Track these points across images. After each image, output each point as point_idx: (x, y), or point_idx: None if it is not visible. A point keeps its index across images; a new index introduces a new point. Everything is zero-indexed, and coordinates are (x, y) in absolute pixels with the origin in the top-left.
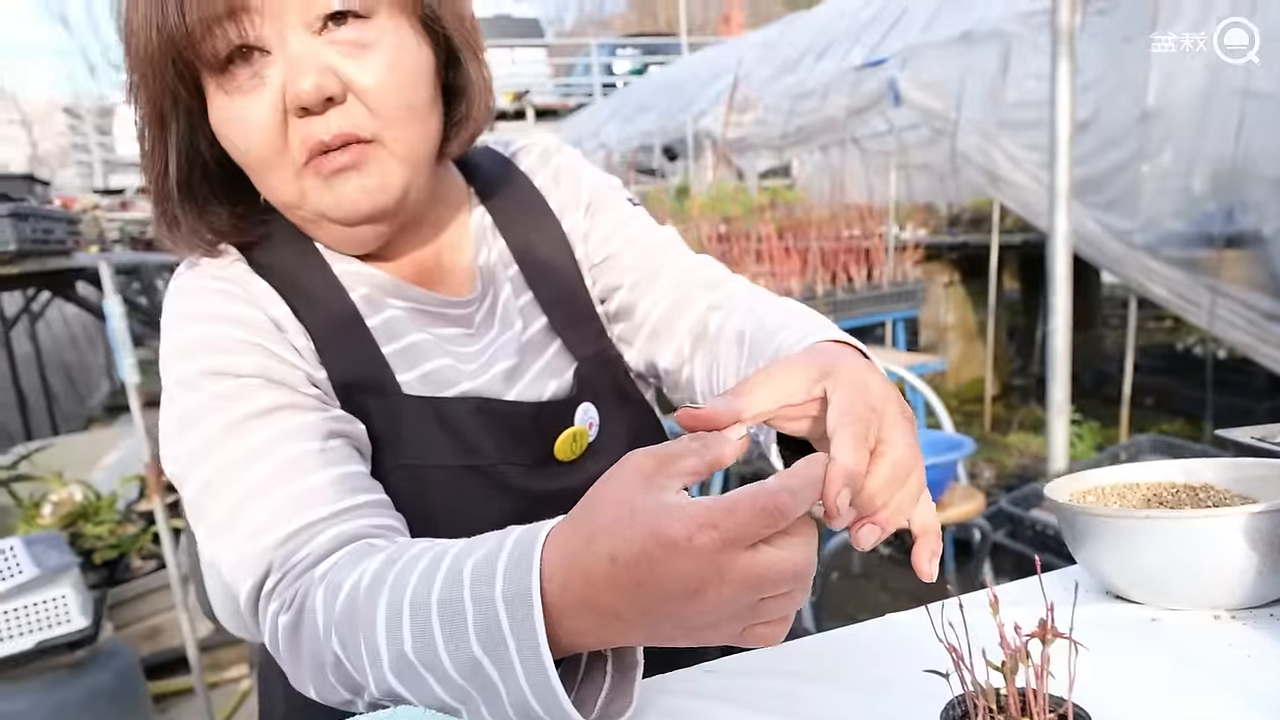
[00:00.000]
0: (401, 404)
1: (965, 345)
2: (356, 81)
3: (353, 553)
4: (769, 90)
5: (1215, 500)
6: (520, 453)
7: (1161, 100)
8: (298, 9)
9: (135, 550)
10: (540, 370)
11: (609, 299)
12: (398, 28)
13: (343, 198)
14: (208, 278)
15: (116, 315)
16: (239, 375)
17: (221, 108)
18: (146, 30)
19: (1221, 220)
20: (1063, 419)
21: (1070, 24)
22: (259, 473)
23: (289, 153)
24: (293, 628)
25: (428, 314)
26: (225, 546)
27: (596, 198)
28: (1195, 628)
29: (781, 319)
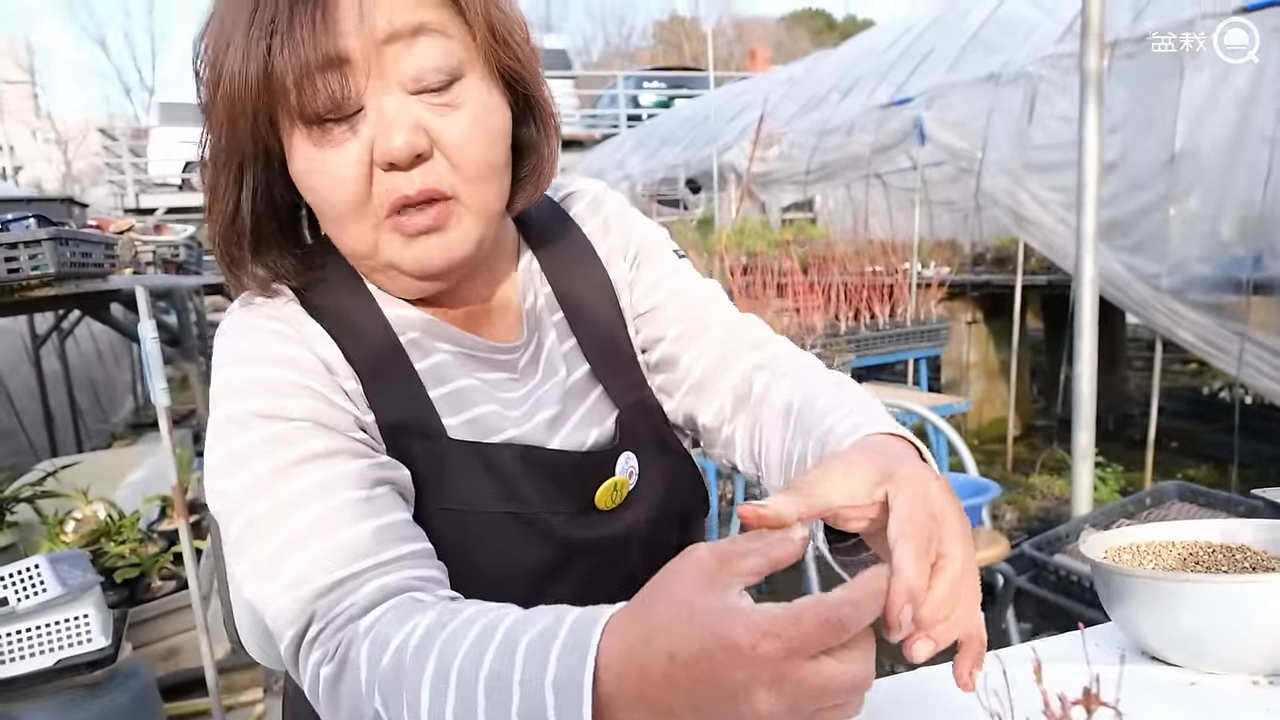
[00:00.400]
0: (447, 448)
1: (987, 384)
2: (445, 139)
3: (399, 607)
4: (794, 126)
5: (1252, 563)
6: (562, 501)
7: (1189, 143)
8: (396, 68)
9: (155, 570)
10: (582, 417)
11: (651, 350)
12: (485, 88)
13: (420, 255)
14: (262, 317)
15: (150, 339)
16: (289, 419)
17: (308, 158)
18: (241, 75)
19: (1250, 266)
20: (1087, 463)
21: (1099, 68)
22: (304, 519)
23: (371, 205)
24: (334, 679)
25: (474, 358)
26: (268, 592)
27: (643, 249)
28: (1234, 693)
29: (832, 398)
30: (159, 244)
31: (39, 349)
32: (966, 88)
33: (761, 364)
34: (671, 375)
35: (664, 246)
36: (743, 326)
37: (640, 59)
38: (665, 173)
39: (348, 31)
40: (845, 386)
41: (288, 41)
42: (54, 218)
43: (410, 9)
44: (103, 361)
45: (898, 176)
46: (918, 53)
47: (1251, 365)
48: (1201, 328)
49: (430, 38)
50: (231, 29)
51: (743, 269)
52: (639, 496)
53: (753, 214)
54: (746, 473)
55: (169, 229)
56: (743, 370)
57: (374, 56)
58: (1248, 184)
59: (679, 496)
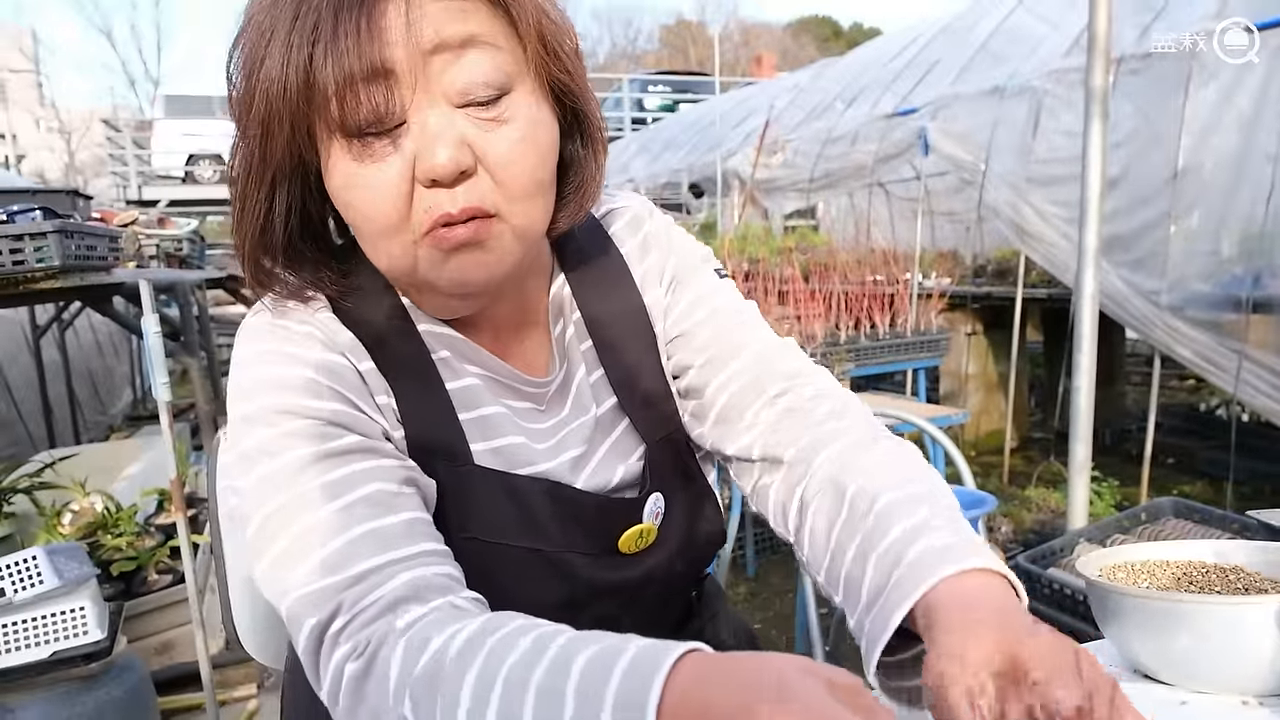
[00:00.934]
0: (472, 474)
1: (985, 396)
2: (490, 156)
3: (441, 610)
4: (798, 134)
5: (1245, 584)
6: (585, 543)
7: (1193, 160)
8: (440, 79)
9: (152, 564)
10: (607, 453)
11: (681, 376)
12: (534, 103)
13: (457, 271)
14: (294, 320)
15: (154, 334)
16: (317, 418)
17: (347, 173)
18: (280, 84)
19: (1250, 284)
20: (1084, 478)
21: (1104, 85)
22: (333, 509)
23: (411, 222)
24: (360, 677)
25: (502, 384)
26: (289, 582)
27: (680, 271)
28: (1225, 713)
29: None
30: (162, 238)
31: (39, 340)
32: (971, 100)
33: (794, 407)
34: (700, 403)
35: (703, 267)
36: (775, 356)
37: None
38: (669, 177)
39: (394, 41)
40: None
41: (331, 50)
42: (59, 210)
43: (459, 19)
44: (102, 353)
45: (901, 186)
46: (924, 63)
47: (1249, 383)
48: (1200, 345)
49: (479, 50)
50: (270, 36)
51: (744, 275)
52: (663, 540)
53: (755, 220)
54: (775, 529)
55: (172, 223)
56: (772, 412)
57: (420, 68)
58: (1249, 202)
59: (701, 534)
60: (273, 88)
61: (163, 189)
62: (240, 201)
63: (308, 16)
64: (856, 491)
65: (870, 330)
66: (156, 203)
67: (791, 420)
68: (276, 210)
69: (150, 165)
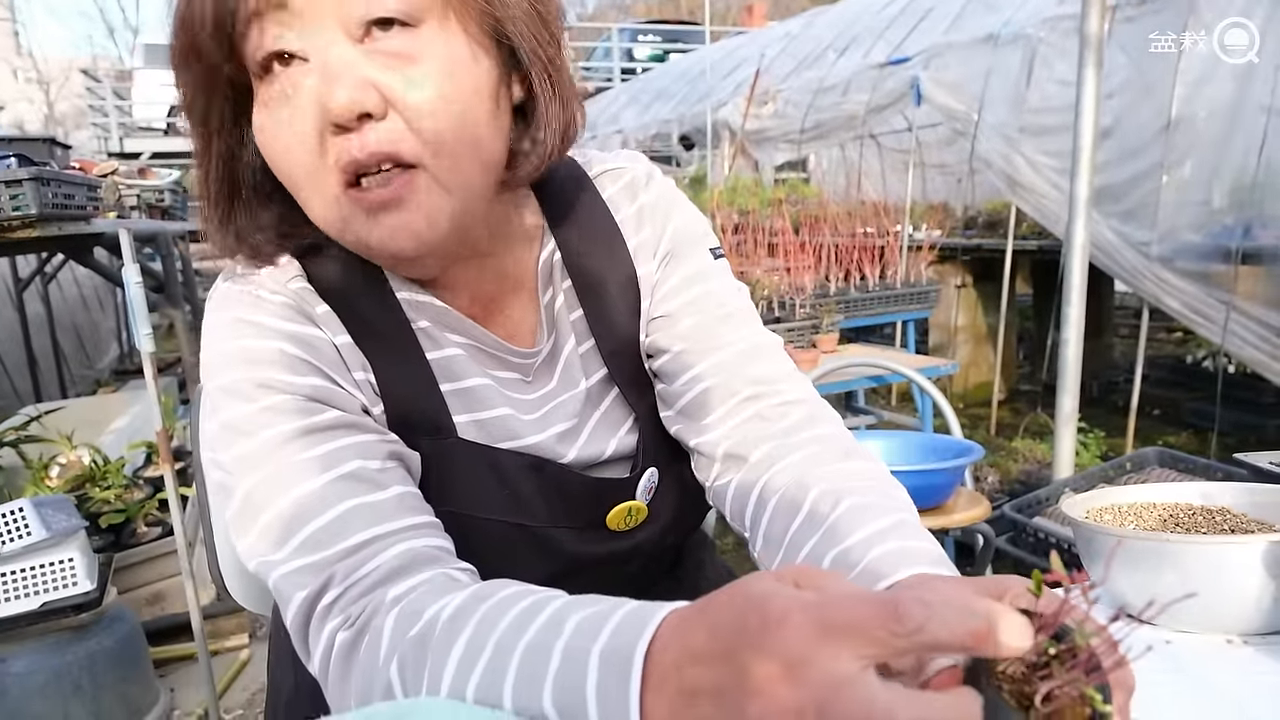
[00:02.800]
0: (455, 448)
1: (975, 348)
2: (399, 97)
3: (433, 581)
4: (789, 84)
5: (1231, 525)
6: (571, 518)
7: (1185, 111)
8: (336, 11)
9: (141, 516)
10: (598, 423)
11: (655, 357)
12: (451, 37)
13: (384, 234)
14: (267, 289)
15: (135, 284)
16: (296, 393)
17: (261, 122)
18: (194, 24)
19: (1239, 235)
20: (1070, 428)
21: (1099, 32)
22: (319, 484)
23: (326, 170)
24: (349, 646)
25: (487, 354)
26: (278, 556)
27: (676, 247)
28: (1208, 652)
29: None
30: (143, 188)
31: (21, 292)
32: (965, 48)
33: (764, 415)
34: (669, 389)
35: (699, 245)
36: (753, 354)
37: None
38: (659, 128)
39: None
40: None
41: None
42: (36, 158)
43: None
44: (87, 307)
45: (892, 138)
46: (917, 10)
47: (1236, 334)
48: (1189, 296)
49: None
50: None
51: (734, 227)
52: (654, 515)
53: (746, 172)
54: (731, 524)
55: (153, 173)
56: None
57: (313, 2)
58: (1242, 153)
59: (691, 509)
60: (190, 28)
61: (145, 141)
62: (196, 156)
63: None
64: (819, 495)
65: (860, 282)
66: (139, 155)
67: (759, 425)
68: (216, 157)
69: (132, 116)
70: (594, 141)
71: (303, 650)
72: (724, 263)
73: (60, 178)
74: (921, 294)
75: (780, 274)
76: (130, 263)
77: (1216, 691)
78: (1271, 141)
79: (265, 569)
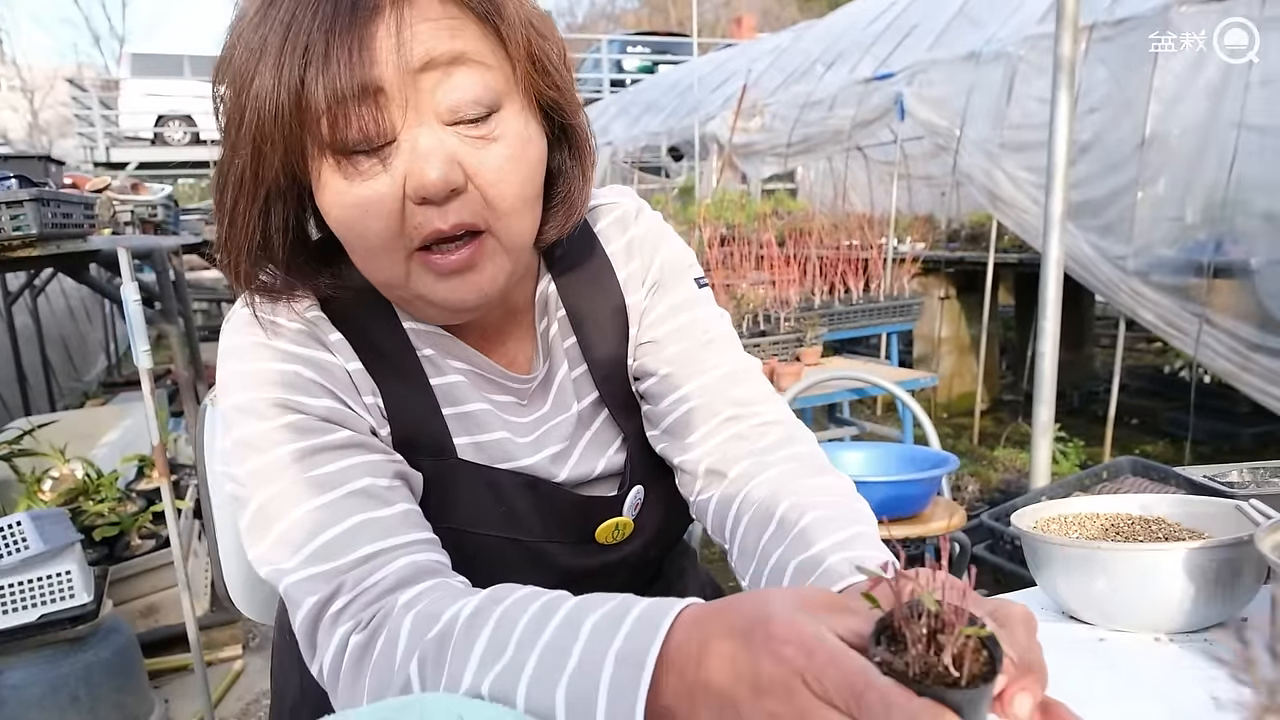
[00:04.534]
0: (456, 468)
1: (958, 359)
2: (481, 174)
3: (442, 588)
4: (777, 98)
5: (1166, 534)
6: (563, 534)
7: (1160, 128)
8: (430, 97)
9: (135, 529)
10: (588, 444)
11: (642, 379)
12: (523, 119)
13: (453, 292)
14: (283, 317)
15: (134, 302)
16: (309, 413)
17: (339, 190)
18: (272, 104)
19: (1211, 250)
20: (1047, 438)
21: (1072, 55)
22: (329, 499)
23: (402, 238)
24: (363, 647)
25: (486, 379)
26: (290, 564)
27: (663, 277)
28: (1138, 649)
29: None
30: (137, 204)
31: (11, 306)
32: (948, 65)
33: (744, 435)
34: (654, 409)
35: (685, 275)
36: (734, 378)
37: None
38: (648, 140)
39: (383, 61)
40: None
41: (323, 71)
42: (34, 177)
43: (449, 38)
44: (74, 319)
45: (879, 150)
46: (903, 26)
47: (1209, 346)
48: (1163, 309)
49: (468, 68)
50: (260, 56)
51: (721, 240)
52: (639, 529)
53: (734, 184)
54: (713, 536)
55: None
56: (720, 435)
57: (409, 87)
58: (1214, 169)
59: (675, 521)
60: (264, 108)
61: (131, 151)
62: (229, 215)
63: (298, 37)
64: (788, 508)
65: (844, 295)
66: (125, 165)
67: (739, 443)
68: (273, 225)
69: (118, 126)
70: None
71: (309, 653)
72: (708, 291)
73: (59, 197)
74: (904, 307)
75: (766, 287)
76: (129, 280)
77: (1145, 686)
78: (1241, 159)
79: (276, 576)
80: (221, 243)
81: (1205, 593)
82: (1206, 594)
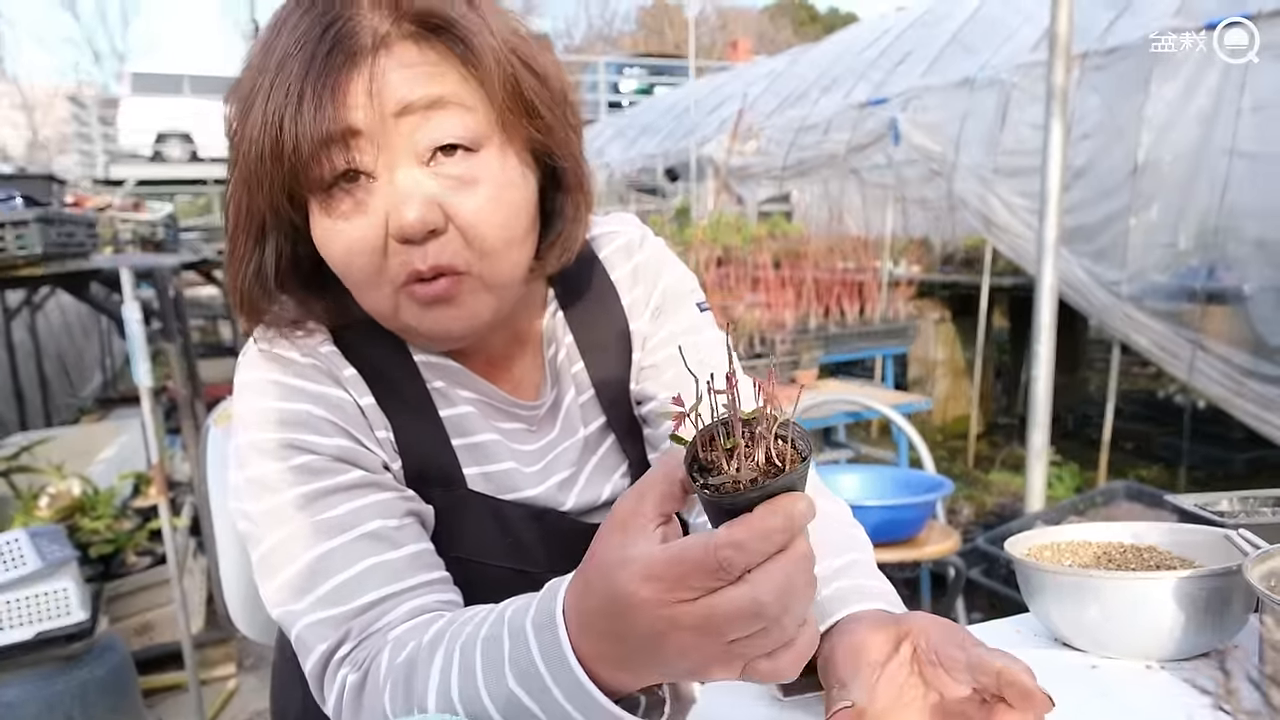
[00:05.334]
0: (465, 499)
1: (953, 382)
2: (459, 216)
3: (422, 621)
4: (772, 121)
5: (1157, 562)
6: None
7: (1152, 155)
8: (407, 138)
9: (131, 546)
10: (595, 469)
11: (643, 403)
12: (505, 160)
13: (434, 324)
14: (297, 352)
15: (135, 322)
16: (322, 453)
17: (325, 227)
18: (259, 142)
19: (1204, 276)
20: (1041, 463)
21: (1064, 84)
22: (340, 543)
23: (388, 273)
24: (357, 687)
25: (495, 408)
26: (299, 608)
27: (665, 302)
28: (1128, 676)
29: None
30: (138, 222)
31: (10, 322)
32: (942, 91)
33: None
34: (655, 432)
35: (686, 300)
36: None
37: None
38: (644, 162)
39: (357, 106)
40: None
41: (298, 117)
42: (38, 197)
43: (426, 83)
44: (71, 335)
45: (874, 172)
46: (897, 52)
47: (1202, 371)
48: (1157, 334)
49: (446, 111)
50: (254, 96)
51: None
52: None
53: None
54: None
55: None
56: None
57: (386, 130)
58: (1206, 196)
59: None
60: (250, 150)
61: (131, 168)
62: (232, 244)
63: (284, 82)
64: None
65: (840, 318)
66: (123, 182)
67: None
68: (268, 257)
69: (118, 144)
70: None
71: (319, 695)
72: (709, 315)
73: (63, 217)
74: (900, 330)
75: (762, 309)
76: (130, 300)
77: (1137, 713)
78: (1233, 185)
79: (288, 618)
80: (226, 267)
81: (1195, 621)
82: (1197, 622)
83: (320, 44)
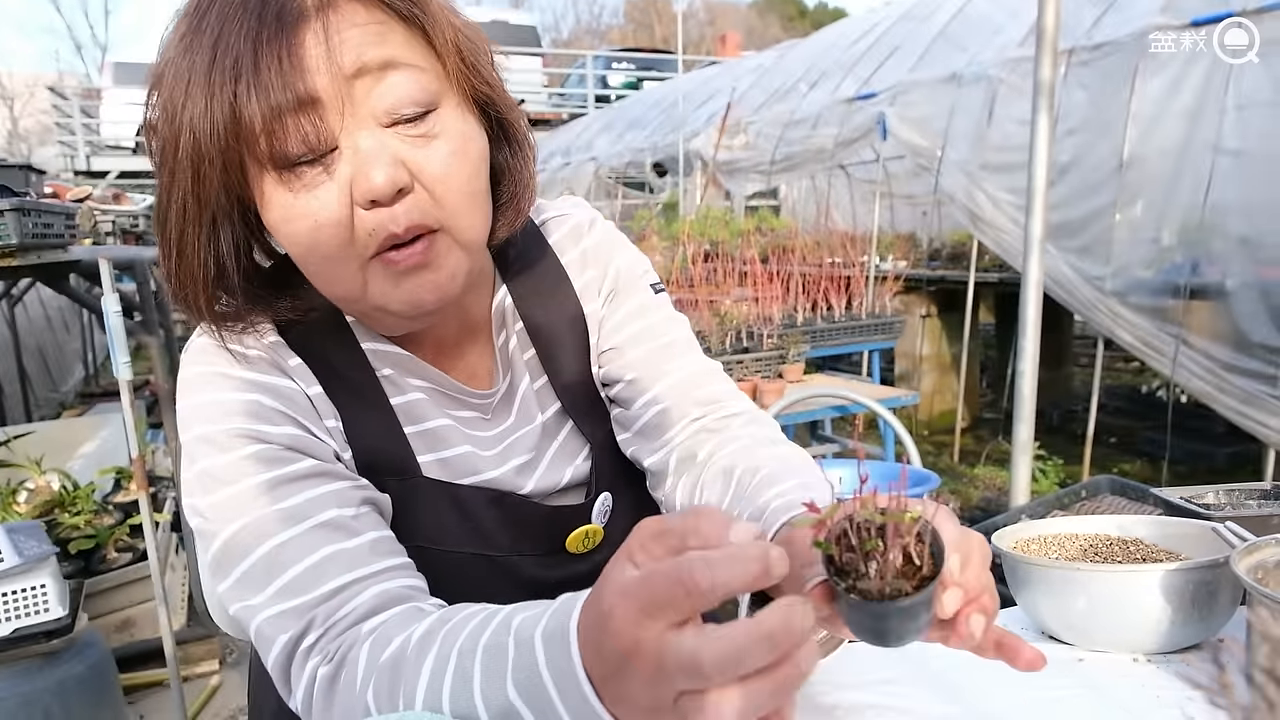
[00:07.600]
0: (420, 486)
1: (939, 377)
2: (425, 171)
3: (404, 613)
4: (760, 116)
5: (1143, 555)
6: (531, 545)
7: (1138, 151)
8: (365, 105)
9: (111, 542)
10: (555, 454)
11: (610, 387)
12: (460, 116)
13: (410, 294)
14: (244, 343)
15: (115, 314)
16: (272, 442)
17: (285, 205)
18: (206, 124)
19: (1188, 272)
20: (1026, 456)
21: (1051, 79)
22: (296, 533)
23: (355, 246)
24: (330, 679)
25: (447, 396)
26: (257, 601)
27: (619, 284)
28: (1115, 669)
29: (774, 471)
30: (118, 214)
31: None
32: (929, 86)
33: (710, 427)
34: (625, 413)
35: (641, 281)
36: (697, 380)
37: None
38: (631, 156)
39: (315, 69)
40: (789, 459)
41: (255, 85)
42: (15, 186)
43: (377, 43)
44: (52, 328)
45: (862, 169)
46: (885, 47)
47: (1185, 367)
48: (1141, 330)
49: (401, 71)
50: (189, 79)
51: (705, 256)
52: (610, 537)
53: (718, 201)
54: None
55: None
56: (689, 430)
57: (345, 93)
58: (1190, 192)
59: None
60: (199, 129)
61: (112, 159)
62: (176, 246)
63: (226, 55)
64: (742, 472)
65: (827, 312)
66: (106, 174)
67: (705, 435)
68: (224, 251)
69: (99, 135)
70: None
71: (284, 689)
72: (664, 296)
73: (40, 207)
74: (886, 325)
75: (749, 304)
76: (109, 292)
77: (1123, 706)
78: (1217, 182)
79: (247, 613)
80: (172, 275)
81: (1182, 614)
82: (1183, 615)
83: (265, 7)
